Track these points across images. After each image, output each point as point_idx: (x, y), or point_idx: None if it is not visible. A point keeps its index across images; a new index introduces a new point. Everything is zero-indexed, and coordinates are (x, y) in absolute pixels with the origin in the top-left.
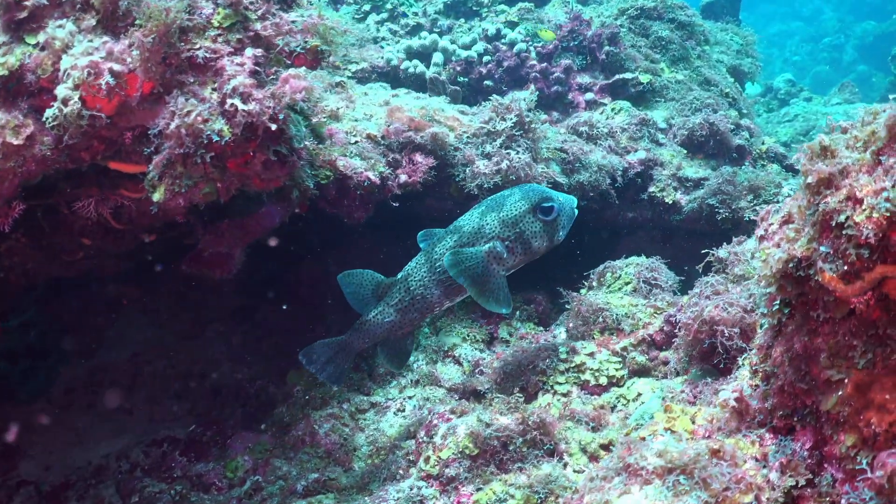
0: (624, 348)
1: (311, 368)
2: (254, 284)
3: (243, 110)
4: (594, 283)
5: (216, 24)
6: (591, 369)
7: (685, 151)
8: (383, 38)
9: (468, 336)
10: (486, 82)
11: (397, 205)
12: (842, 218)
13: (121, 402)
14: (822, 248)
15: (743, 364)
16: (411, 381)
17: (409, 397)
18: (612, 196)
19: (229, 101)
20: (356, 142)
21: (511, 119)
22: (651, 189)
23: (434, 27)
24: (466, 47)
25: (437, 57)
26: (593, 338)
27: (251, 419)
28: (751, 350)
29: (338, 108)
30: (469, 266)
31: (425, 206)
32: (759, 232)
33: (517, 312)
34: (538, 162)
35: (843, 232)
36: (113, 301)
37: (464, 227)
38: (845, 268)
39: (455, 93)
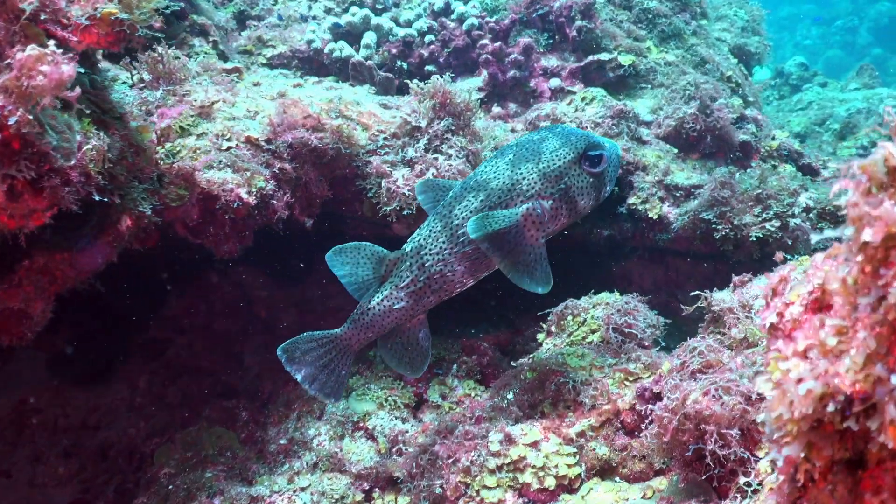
0: (581, 433)
1: (295, 373)
2: (166, 315)
3: None
4: (553, 328)
5: None
6: (534, 467)
7: (675, 151)
8: (314, 17)
9: (387, 400)
10: (429, 67)
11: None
12: None
13: None
14: None
15: None
16: (308, 463)
17: (302, 489)
18: None
19: None
20: (229, 147)
21: (427, 107)
22: (630, 200)
23: (377, 2)
24: (407, 25)
25: (369, 37)
26: (542, 414)
27: (128, 497)
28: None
29: (212, 103)
30: (501, 232)
31: (329, 231)
32: (768, 316)
33: (454, 366)
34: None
35: None
36: None
37: (491, 182)
38: None
39: (386, 81)
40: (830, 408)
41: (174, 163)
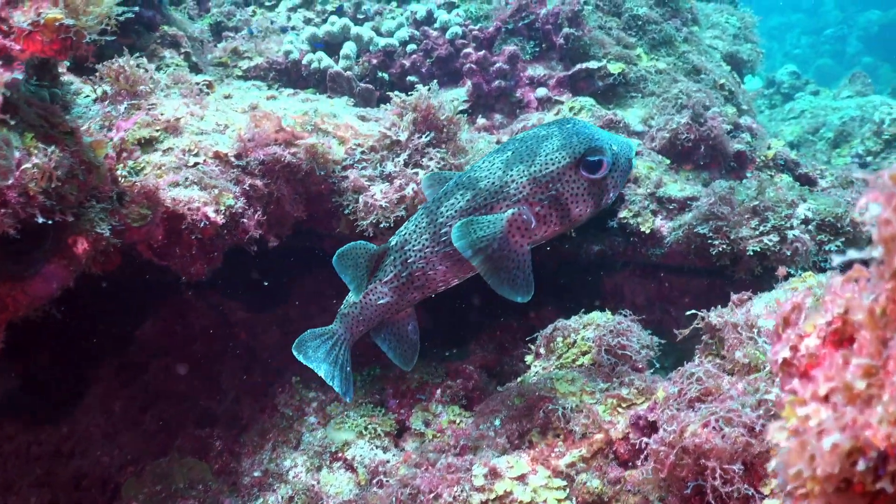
0: (571, 465)
1: (317, 369)
2: (141, 337)
3: None
4: (541, 350)
5: None
6: (521, 503)
7: (668, 161)
8: (293, 28)
9: (367, 428)
10: (411, 77)
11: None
12: None
13: None
14: None
15: None
16: (283, 497)
17: None
18: None
19: None
20: (196, 163)
21: (408, 121)
22: (622, 214)
23: (358, 12)
24: (388, 34)
25: (349, 47)
26: (530, 443)
27: None
28: None
29: (176, 119)
30: (483, 238)
31: (307, 250)
32: (780, 350)
33: (437, 392)
34: None
35: None
36: None
37: (480, 181)
38: None
39: (366, 92)
40: (861, 466)
41: (136, 180)
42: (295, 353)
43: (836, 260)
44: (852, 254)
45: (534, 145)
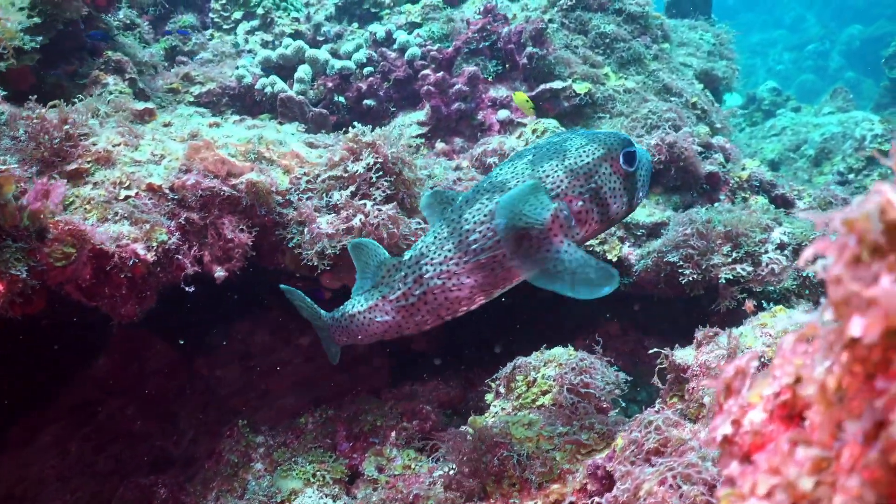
0: None
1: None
2: (95, 375)
3: None
4: (501, 390)
5: None
6: None
7: None
8: (250, 51)
9: (316, 475)
10: (368, 101)
11: (192, 289)
12: None
13: None
14: None
15: None
16: None
17: None
18: None
19: None
20: (127, 197)
21: (366, 162)
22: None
23: (318, 34)
24: (347, 56)
25: (303, 70)
26: (485, 493)
27: None
28: None
29: (108, 149)
30: (529, 217)
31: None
32: (721, 425)
33: (392, 434)
34: (414, 214)
35: None
36: None
37: (508, 182)
38: None
39: (320, 117)
40: None
41: (60, 217)
42: (283, 289)
43: (780, 323)
44: (800, 316)
45: (559, 146)
